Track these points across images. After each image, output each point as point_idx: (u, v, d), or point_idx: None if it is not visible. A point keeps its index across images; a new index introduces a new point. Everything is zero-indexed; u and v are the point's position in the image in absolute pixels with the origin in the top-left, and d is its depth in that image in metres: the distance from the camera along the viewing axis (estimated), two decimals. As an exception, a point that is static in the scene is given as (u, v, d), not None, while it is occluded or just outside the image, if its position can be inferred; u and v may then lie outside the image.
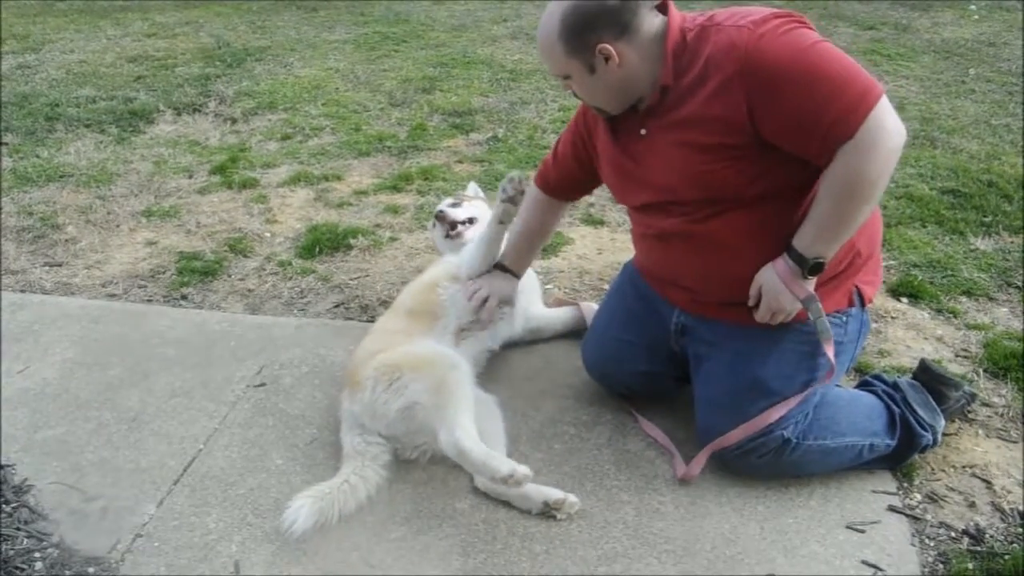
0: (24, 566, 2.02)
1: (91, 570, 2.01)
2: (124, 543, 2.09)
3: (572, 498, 2.14)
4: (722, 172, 1.97)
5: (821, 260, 1.94)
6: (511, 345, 2.81)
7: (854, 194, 1.85)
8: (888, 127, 1.80)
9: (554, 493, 2.13)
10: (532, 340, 2.86)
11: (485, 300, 2.55)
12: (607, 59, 1.96)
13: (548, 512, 2.12)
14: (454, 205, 2.99)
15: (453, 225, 2.90)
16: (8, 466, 2.33)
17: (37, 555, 2.06)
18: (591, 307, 2.84)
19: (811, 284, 2.00)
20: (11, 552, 2.05)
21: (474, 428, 2.16)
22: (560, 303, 2.99)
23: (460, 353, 2.45)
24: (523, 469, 2.05)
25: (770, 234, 2.02)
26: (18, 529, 2.12)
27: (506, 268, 2.62)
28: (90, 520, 2.16)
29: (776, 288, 2.00)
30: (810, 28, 1.88)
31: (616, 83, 2.02)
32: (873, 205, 1.92)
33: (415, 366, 2.30)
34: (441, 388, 2.23)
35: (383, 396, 2.26)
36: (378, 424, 2.28)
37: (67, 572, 2.01)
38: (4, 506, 2.19)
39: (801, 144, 1.87)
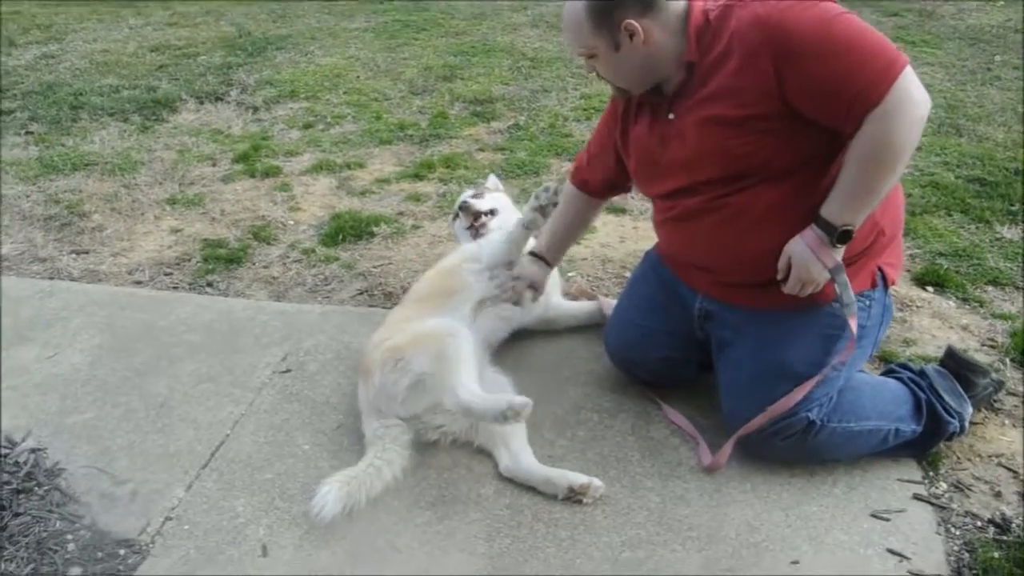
0: (57, 547, 2.06)
1: (122, 552, 2.05)
2: (154, 526, 2.12)
3: (597, 482, 2.15)
4: (749, 145, 1.97)
5: (849, 228, 1.94)
6: (531, 334, 2.82)
7: (880, 161, 1.86)
8: (914, 96, 1.82)
9: (579, 478, 2.15)
10: (547, 331, 2.86)
11: (517, 279, 2.57)
12: (632, 35, 1.98)
13: (573, 497, 2.14)
14: (476, 196, 3.01)
15: (477, 216, 2.91)
16: (40, 450, 2.37)
17: (69, 537, 2.09)
18: (610, 303, 2.84)
19: (839, 253, 2.00)
20: (44, 534, 2.09)
21: (475, 384, 2.19)
22: (582, 293, 3.00)
23: (471, 330, 2.48)
24: (519, 399, 2.08)
25: (793, 208, 2.02)
26: (50, 511, 2.16)
27: (540, 257, 2.62)
28: (120, 503, 2.20)
29: (806, 257, 1.99)
30: (833, 1, 1.89)
31: (640, 60, 2.03)
32: (899, 173, 1.92)
33: (416, 342, 2.33)
34: (441, 356, 2.26)
35: (391, 377, 2.29)
36: (393, 407, 2.30)
37: (99, 553, 2.04)
38: (37, 489, 2.23)
39: (828, 112, 1.87)
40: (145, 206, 3.98)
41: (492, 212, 2.93)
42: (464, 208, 2.94)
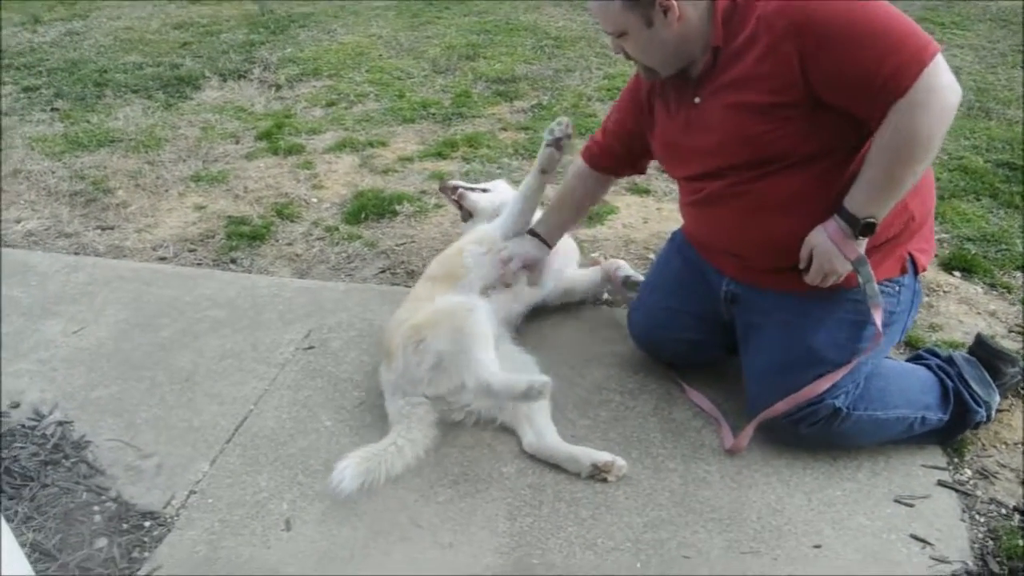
0: (84, 518, 2.08)
1: (147, 524, 2.07)
2: (179, 499, 2.14)
3: (620, 461, 2.15)
4: (773, 132, 1.95)
5: (872, 220, 1.91)
6: (554, 313, 2.83)
7: (906, 153, 1.82)
8: (942, 85, 1.77)
9: (602, 456, 2.15)
10: (565, 303, 2.88)
11: (508, 261, 2.56)
12: (666, 12, 1.95)
13: (597, 475, 2.14)
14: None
15: (454, 190, 2.97)
16: (67, 422, 2.39)
17: (96, 508, 2.12)
18: (616, 264, 2.84)
19: (862, 245, 1.97)
20: (72, 505, 2.12)
21: (494, 362, 2.19)
22: (593, 263, 2.99)
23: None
24: (540, 379, 2.09)
25: (817, 195, 2.00)
26: (77, 483, 2.19)
27: (537, 235, 2.61)
28: (146, 476, 2.22)
29: (827, 249, 1.97)
30: None
31: (672, 39, 2.00)
32: (926, 165, 1.88)
33: (434, 322, 2.33)
34: (459, 334, 2.26)
35: (413, 359, 2.30)
36: (418, 388, 2.30)
37: (125, 525, 2.07)
38: (64, 461, 2.26)
39: (853, 101, 1.84)
40: (169, 183, 4.00)
41: (484, 190, 2.99)
42: (442, 189, 3.02)
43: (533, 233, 2.61)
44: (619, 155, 2.50)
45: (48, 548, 1.99)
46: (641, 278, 2.73)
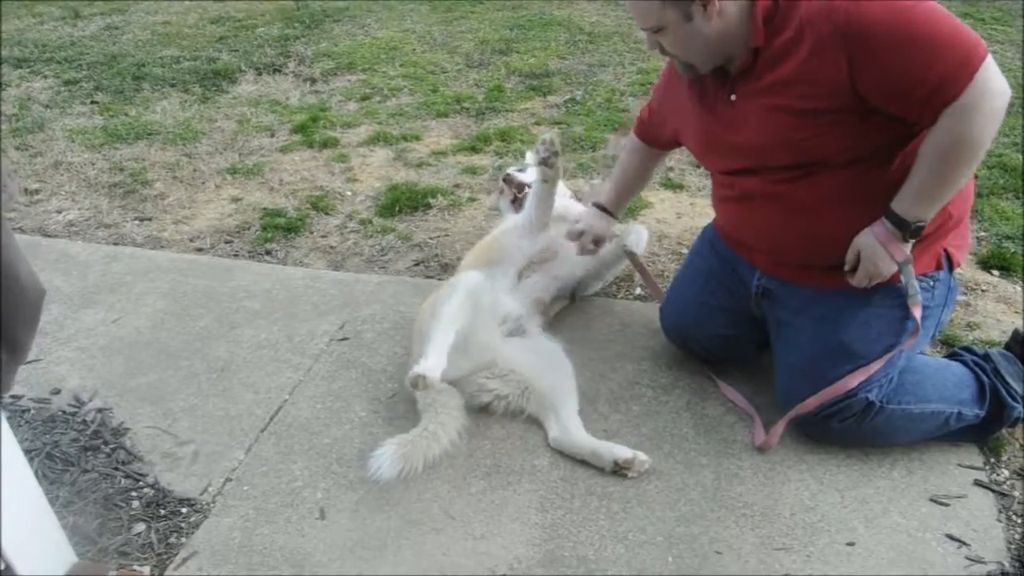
0: (122, 504, 2.12)
1: (184, 510, 2.10)
2: (215, 486, 2.17)
3: (642, 456, 2.14)
4: (815, 138, 1.93)
5: (922, 224, 1.90)
6: (586, 307, 2.84)
7: (956, 157, 1.81)
8: (993, 88, 1.75)
9: (623, 452, 2.14)
10: (594, 293, 2.92)
11: (581, 234, 2.62)
12: (705, 6, 1.92)
13: (619, 471, 2.14)
14: (520, 170, 3.10)
15: (520, 187, 3.01)
16: (106, 409, 2.43)
17: (134, 494, 2.15)
18: (634, 229, 2.92)
19: (909, 247, 1.96)
20: (111, 490, 2.15)
21: (443, 344, 2.20)
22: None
23: (514, 296, 2.56)
24: (418, 369, 2.10)
25: (855, 195, 1.98)
26: (116, 469, 2.22)
27: (604, 208, 2.66)
28: (183, 463, 2.25)
29: (876, 252, 1.96)
30: None
31: (712, 35, 1.97)
32: (975, 167, 1.87)
33: (428, 307, 2.41)
34: (432, 315, 2.31)
35: (418, 349, 2.33)
36: None
37: (162, 511, 2.10)
38: (103, 447, 2.30)
39: (903, 106, 1.82)
40: (206, 175, 4.04)
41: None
42: (507, 180, 3.05)
43: (599, 207, 2.67)
44: (666, 131, 2.49)
45: (88, 532, 2.03)
46: (637, 251, 2.80)
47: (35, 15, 7.15)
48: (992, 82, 1.75)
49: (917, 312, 2.02)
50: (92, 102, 5.10)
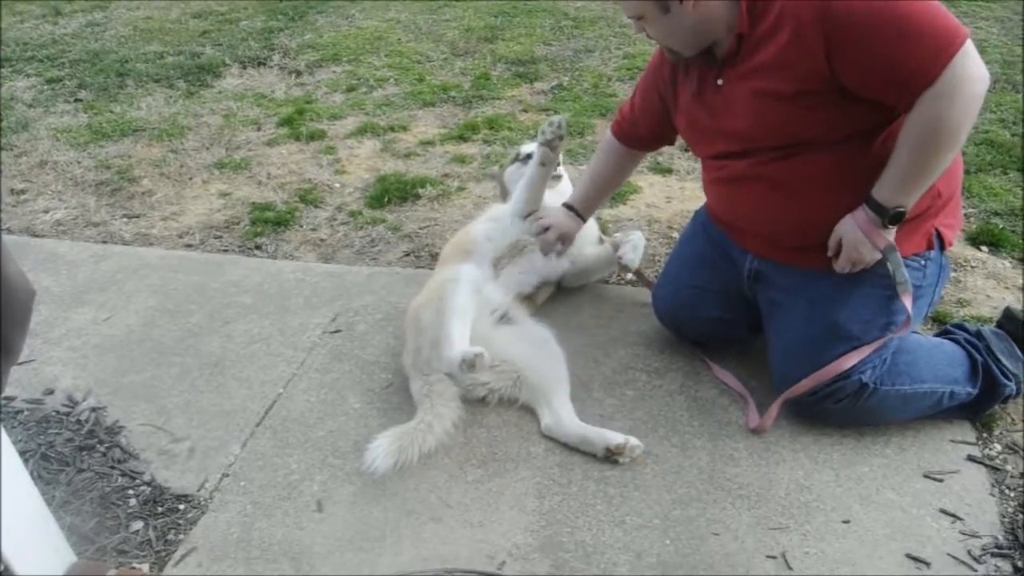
0: (120, 502, 2.12)
1: (182, 507, 2.10)
2: (212, 482, 2.17)
3: (633, 441, 2.14)
4: (800, 120, 1.95)
5: (901, 209, 1.91)
6: (578, 293, 2.84)
7: (935, 142, 1.82)
8: (971, 74, 1.76)
9: (615, 437, 2.15)
10: (582, 285, 2.90)
11: (547, 229, 2.58)
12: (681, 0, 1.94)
13: (611, 457, 2.14)
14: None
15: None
16: (100, 408, 2.43)
17: (131, 492, 2.15)
18: (627, 241, 2.77)
19: (891, 234, 1.97)
20: (108, 489, 2.15)
21: (463, 335, 2.23)
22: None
23: (496, 284, 2.55)
24: (473, 350, 2.13)
25: (841, 175, 1.99)
26: (112, 468, 2.22)
27: (573, 209, 2.63)
28: (179, 460, 2.25)
29: (856, 239, 1.97)
30: None
31: (690, 25, 2.00)
32: (954, 153, 1.88)
33: (426, 301, 2.40)
34: (439, 306, 2.31)
35: (418, 341, 2.36)
36: (431, 365, 2.32)
37: (160, 508, 2.10)
38: (98, 446, 2.29)
39: (881, 91, 1.83)
40: (193, 170, 4.02)
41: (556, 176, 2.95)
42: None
43: (568, 207, 2.63)
44: (647, 129, 2.49)
45: (86, 531, 2.02)
46: (632, 266, 2.67)
47: (15, 13, 7.08)
48: (970, 68, 1.75)
49: (908, 301, 2.03)
50: (76, 100, 5.07)
